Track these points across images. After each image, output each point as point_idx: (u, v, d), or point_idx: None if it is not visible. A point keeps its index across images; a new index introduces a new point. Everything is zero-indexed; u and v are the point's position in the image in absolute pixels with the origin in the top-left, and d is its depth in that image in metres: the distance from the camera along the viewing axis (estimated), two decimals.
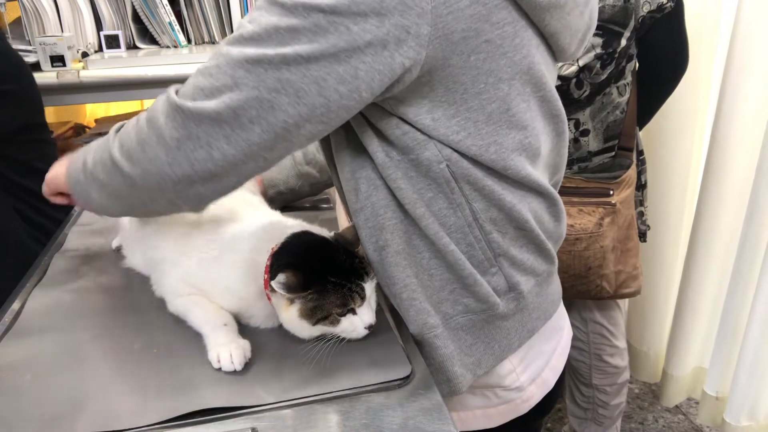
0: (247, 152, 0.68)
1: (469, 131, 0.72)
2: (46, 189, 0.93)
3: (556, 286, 0.91)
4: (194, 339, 0.80)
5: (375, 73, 0.64)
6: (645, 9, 1.39)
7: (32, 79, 1.60)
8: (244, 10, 1.96)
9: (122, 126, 0.78)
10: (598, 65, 1.43)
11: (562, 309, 0.94)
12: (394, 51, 0.64)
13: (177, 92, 0.70)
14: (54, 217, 1.58)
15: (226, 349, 0.75)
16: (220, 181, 0.71)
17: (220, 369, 0.75)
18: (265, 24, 0.64)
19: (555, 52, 0.78)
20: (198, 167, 0.68)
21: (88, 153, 0.81)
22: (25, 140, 1.55)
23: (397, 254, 0.78)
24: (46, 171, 1.58)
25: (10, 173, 1.52)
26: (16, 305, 0.92)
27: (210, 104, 0.66)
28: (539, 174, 0.80)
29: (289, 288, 0.74)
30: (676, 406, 2.11)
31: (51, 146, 1.66)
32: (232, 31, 1.98)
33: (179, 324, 0.84)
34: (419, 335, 0.80)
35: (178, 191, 0.71)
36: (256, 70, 0.64)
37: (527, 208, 0.79)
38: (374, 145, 0.75)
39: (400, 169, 0.75)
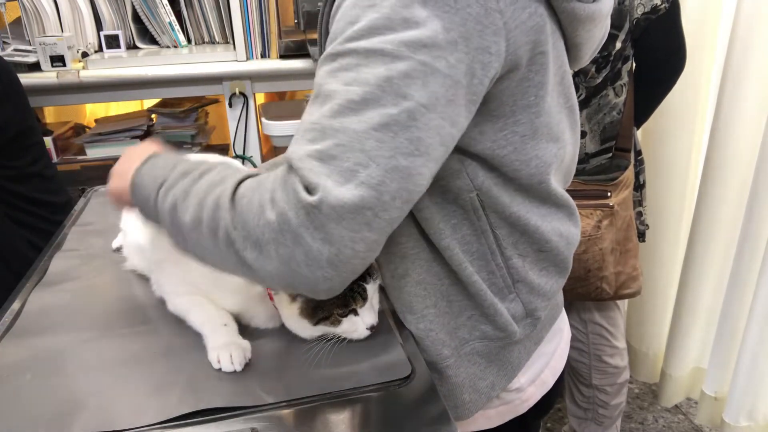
0: (386, 231, 0.60)
1: (515, 146, 0.70)
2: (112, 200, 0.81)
3: (559, 292, 0.92)
4: (194, 339, 0.80)
5: (472, 105, 0.62)
6: (639, 11, 1.39)
7: (17, 80, 1.59)
8: (244, 10, 1.95)
9: (236, 187, 0.63)
10: (593, 69, 1.43)
11: (562, 311, 0.94)
12: (483, 76, 0.61)
13: (304, 187, 0.58)
14: (50, 219, 1.58)
15: (226, 350, 0.75)
16: (356, 273, 0.62)
17: (220, 369, 0.75)
18: (374, 80, 0.57)
19: (571, 61, 0.78)
20: (341, 267, 0.59)
21: (179, 197, 0.67)
22: (16, 147, 1.54)
23: (417, 284, 0.78)
24: (38, 175, 1.59)
25: (2, 181, 1.52)
26: (16, 305, 0.92)
27: (348, 193, 0.56)
28: (558, 184, 0.80)
29: None
30: (676, 406, 2.11)
31: (42, 150, 1.65)
32: (232, 32, 1.99)
33: (179, 324, 0.84)
34: (432, 364, 0.80)
35: (313, 290, 0.63)
36: (386, 136, 0.57)
37: (550, 227, 0.78)
38: None
39: (426, 196, 0.72)
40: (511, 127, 0.69)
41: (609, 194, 1.50)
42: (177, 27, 2.12)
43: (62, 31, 2.01)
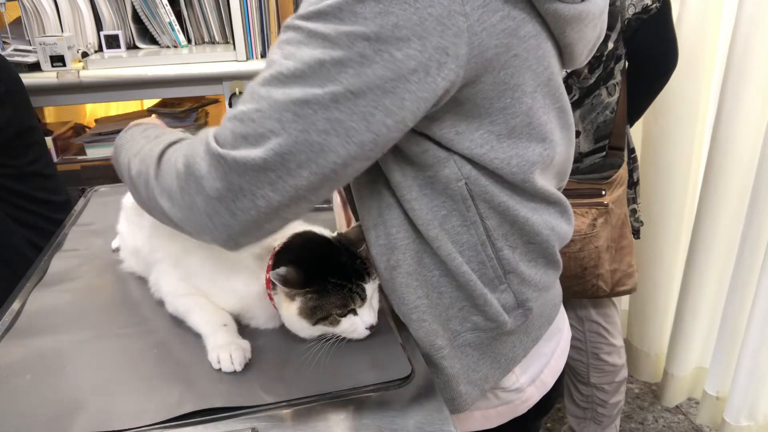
0: (293, 197, 0.64)
1: (491, 144, 0.71)
2: None
3: (556, 289, 0.91)
4: (194, 339, 0.80)
5: (420, 101, 0.62)
6: (630, 11, 1.40)
7: (18, 79, 1.59)
8: (244, 10, 1.95)
9: (170, 145, 0.74)
10: (586, 69, 1.43)
11: (562, 310, 0.94)
12: (437, 75, 0.61)
13: (216, 139, 0.65)
14: (50, 218, 1.58)
15: (226, 350, 0.75)
16: (260, 228, 0.67)
17: (220, 369, 0.75)
18: (308, 59, 0.60)
19: (565, 61, 0.78)
20: (240, 217, 0.65)
21: (132, 155, 0.79)
22: (16, 146, 1.54)
23: (408, 275, 0.78)
24: (38, 174, 1.59)
25: (2, 179, 1.52)
26: (16, 305, 0.92)
27: (255, 153, 0.62)
28: (549, 183, 0.80)
29: (287, 282, 0.74)
30: (677, 406, 2.11)
31: (42, 149, 1.65)
32: (232, 32, 1.99)
33: (179, 324, 0.84)
34: (427, 355, 0.80)
35: (215, 238, 0.68)
36: (304, 112, 0.60)
37: (540, 220, 0.79)
38: (390, 163, 0.74)
39: (415, 187, 0.74)
40: (486, 126, 0.70)
41: (603, 192, 1.51)
42: (177, 27, 2.12)
43: (62, 31, 2.01)
